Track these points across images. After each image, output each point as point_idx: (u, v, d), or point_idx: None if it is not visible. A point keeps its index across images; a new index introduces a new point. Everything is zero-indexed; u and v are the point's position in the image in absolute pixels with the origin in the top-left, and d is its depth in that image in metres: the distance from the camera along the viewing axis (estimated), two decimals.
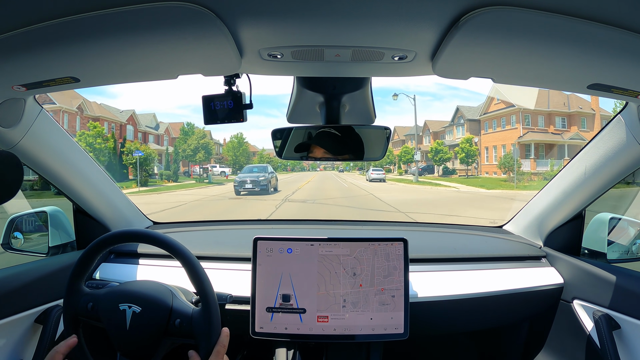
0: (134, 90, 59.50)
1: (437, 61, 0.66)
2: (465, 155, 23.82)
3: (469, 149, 24.00)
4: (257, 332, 1.01)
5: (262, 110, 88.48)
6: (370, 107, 1.03)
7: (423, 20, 0.56)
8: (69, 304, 0.83)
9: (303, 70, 0.81)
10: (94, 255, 0.84)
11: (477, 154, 24.38)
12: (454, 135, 27.39)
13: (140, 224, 1.47)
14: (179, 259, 0.81)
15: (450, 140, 27.34)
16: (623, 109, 0.92)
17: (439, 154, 25.30)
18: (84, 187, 1.19)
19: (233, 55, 0.64)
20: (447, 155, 25.33)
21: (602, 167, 1.01)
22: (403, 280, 1.02)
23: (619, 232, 1.20)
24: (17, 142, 0.93)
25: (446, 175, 25.16)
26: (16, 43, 0.58)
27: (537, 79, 0.75)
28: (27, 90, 0.75)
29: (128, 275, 1.17)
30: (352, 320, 1.01)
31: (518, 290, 1.17)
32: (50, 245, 1.21)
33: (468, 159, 23.92)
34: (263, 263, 1.02)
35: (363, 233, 1.49)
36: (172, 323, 0.79)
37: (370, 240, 1.04)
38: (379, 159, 0.94)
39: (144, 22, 0.55)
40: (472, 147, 24.09)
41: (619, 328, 1.00)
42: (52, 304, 1.05)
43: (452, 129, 27.99)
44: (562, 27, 0.53)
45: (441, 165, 25.74)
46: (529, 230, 1.37)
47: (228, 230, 1.60)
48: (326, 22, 0.57)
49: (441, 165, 25.74)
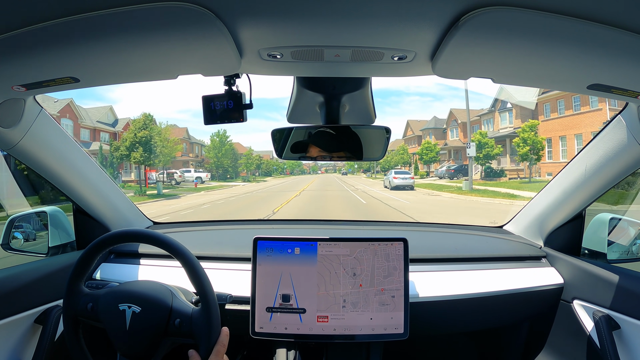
0: (133, 95, 59.44)
1: (437, 61, 0.66)
2: (530, 150, 16.45)
3: (533, 139, 16.47)
4: (257, 332, 1.01)
5: (262, 114, 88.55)
6: (370, 107, 1.03)
7: (423, 21, 0.56)
8: (69, 305, 0.83)
9: (303, 70, 0.81)
10: (93, 256, 0.84)
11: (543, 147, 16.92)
12: (496, 124, 20.68)
13: (141, 224, 1.47)
14: (179, 259, 0.81)
15: (491, 132, 20.76)
16: (623, 109, 0.92)
17: (483, 149, 18.35)
18: (83, 187, 1.19)
19: (233, 56, 0.64)
20: (495, 151, 18.44)
21: (602, 168, 1.01)
22: (403, 280, 1.02)
23: (619, 233, 1.20)
24: (17, 142, 0.93)
25: (491, 177, 18.54)
26: (16, 43, 0.58)
27: (537, 79, 0.75)
28: (27, 91, 0.75)
29: (128, 275, 1.17)
30: (352, 320, 1.01)
31: (518, 290, 1.16)
32: (50, 245, 1.21)
33: (532, 154, 16.57)
34: (263, 263, 1.02)
35: (363, 233, 1.49)
36: (172, 323, 0.79)
37: (371, 240, 1.04)
38: (379, 159, 0.94)
39: (144, 22, 0.55)
40: (537, 137, 16.64)
41: (619, 328, 0.99)
42: (52, 304, 1.05)
43: (493, 116, 20.96)
44: (562, 27, 0.53)
45: (484, 164, 18.75)
46: (529, 230, 1.37)
47: (228, 230, 1.60)
48: (326, 22, 0.57)
49: (484, 164, 18.75)
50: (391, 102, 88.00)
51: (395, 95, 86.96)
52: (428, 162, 23.64)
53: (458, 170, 21.21)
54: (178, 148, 23.26)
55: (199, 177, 24.34)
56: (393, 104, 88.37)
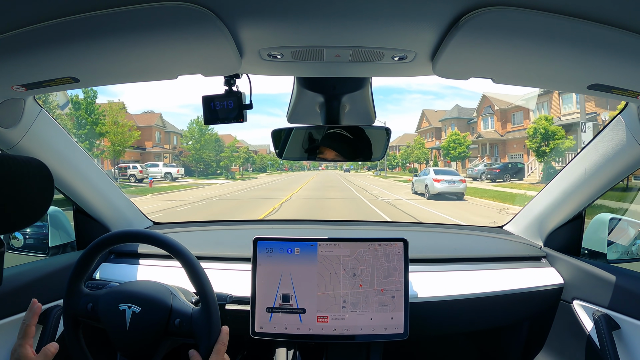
0: (135, 89, 59.40)
1: (437, 61, 0.66)
2: None
3: None
4: (257, 332, 1.01)
5: (264, 109, 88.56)
6: (370, 108, 1.03)
7: (423, 21, 0.56)
8: (69, 305, 0.83)
9: (303, 70, 0.81)
10: (93, 256, 0.84)
11: None
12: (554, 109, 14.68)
13: (141, 224, 1.47)
14: (179, 259, 0.81)
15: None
16: (623, 110, 0.92)
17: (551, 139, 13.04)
18: (84, 187, 1.19)
19: (233, 56, 0.64)
20: (566, 144, 13.34)
21: (602, 168, 1.01)
22: (403, 281, 1.02)
23: (619, 233, 1.20)
24: (17, 142, 0.93)
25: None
26: (16, 43, 0.57)
27: (537, 79, 0.75)
28: (26, 91, 0.75)
29: (128, 275, 1.17)
30: (352, 320, 1.01)
31: (518, 290, 1.16)
32: (50, 245, 1.21)
33: None
34: (263, 263, 1.02)
35: (363, 233, 1.49)
36: (172, 323, 0.79)
37: (371, 240, 1.04)
38: (379, 159, 0.94)
39: (144, 22, 0.55)
40: None
41: (618, 328, 1.00)
42: (52, 304, 1.05)
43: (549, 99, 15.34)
44: (562, 27, 0.53)
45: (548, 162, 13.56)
46: (529, 231, 1.37)
47: (228, 230, 1.60)
48: (326, 22, 0.57)
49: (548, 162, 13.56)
50: (393, 100, 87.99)
51: (397, 92, 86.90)
52: (456, 159, 17.36)
53: (505, 169, 15.50)
54: (134, 135, 18.60)
55: (168, 173, 19.56)
56: (395, 102, 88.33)
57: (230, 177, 25.60)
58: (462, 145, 17.98)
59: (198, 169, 21.64)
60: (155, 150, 24.61)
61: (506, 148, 18.97)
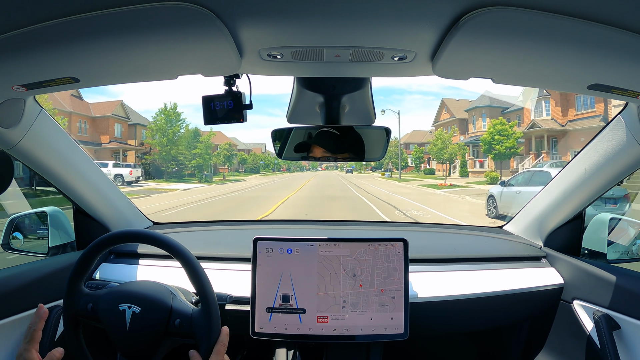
0: (135, 89, 59.39)
1: (437, 61, 0.66)
2: None
3: None
4: (257, 333, 1.01)
5: (264, 110, 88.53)
6: (370, 108, 1.03)
7: (423, 21, 0.56)
8: (69, 305, 0.83)
9: (303, 70, 0.81)
10: (93, 256, 0.84)
11: None
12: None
13: (140, 224, 1.47)
14: (179, 259, 0.81)
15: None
16: (623, 110, 0.92)
17: None
18: (84, 187, 1.19)
19: (233, 56, 0.64)
20: None
21: (602, 168, 1.01)
22: (403, 281, 1.02)
23: (619, 233, 1.20)
24: (17, 143, 0.93)
25: None
26: (16, 43, 0.57)
27: (537, 79, 0.75)
28: (27, 91, 0.75)
29: (128, 275, 1.17)
30: (352, 320, 1.01)
31: (518, 290, 1.16)
32: (50, 245, 1.21)
33: None
34: (263, 263, 1.02)
35: (363, 233, 1.49)
36: (172, 323, 0.79)
37: (371, 240, 1.04)
38: (379, 159, 0.94)
39: (144, 22, 0.55)
40: None
41: (619, 328, 0.99)
42: (52, 304, 1.05)
43: None
44: (562, 27, 0.53)
45: None
46: (529, 231, 1.37)
47: (228, 230, 1.60)
48: (326, 22, 0.57)
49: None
50: (393, 101, 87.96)
51: (397, 93, 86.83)
52: (502, 157, 12.36)
53: None
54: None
55: (119, 175, 15.95)
56: (396, 102, 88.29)
57: (205, 181, 20.65)
58: (510, 138, 12.86)
59: (169, 169, 17.36)
60: (113, 146, 19.60)
61: (568, 142, 14.27)
